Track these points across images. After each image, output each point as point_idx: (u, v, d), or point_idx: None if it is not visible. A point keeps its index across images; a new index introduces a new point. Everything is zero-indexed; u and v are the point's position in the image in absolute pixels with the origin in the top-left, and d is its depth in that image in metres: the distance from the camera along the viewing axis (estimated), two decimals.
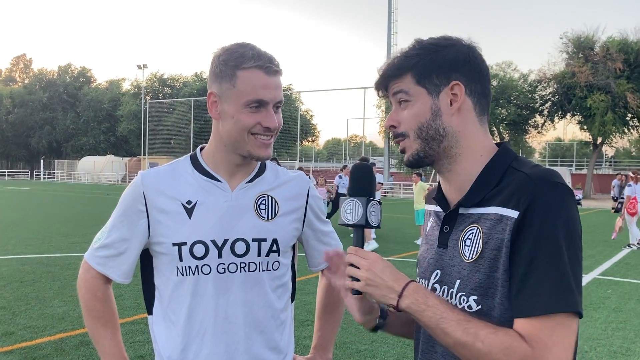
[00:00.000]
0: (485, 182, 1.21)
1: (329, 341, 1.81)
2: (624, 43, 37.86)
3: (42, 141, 66.79)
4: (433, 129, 1.22)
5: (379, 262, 1.20)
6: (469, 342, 1.08)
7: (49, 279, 7.88)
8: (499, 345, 1.06)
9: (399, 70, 1.25)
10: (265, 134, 1.50)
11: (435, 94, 1.22)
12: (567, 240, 1.09)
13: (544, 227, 1.09)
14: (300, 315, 6.00)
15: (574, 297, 1.07)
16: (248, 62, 1.47)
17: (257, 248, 1.56)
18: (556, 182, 1.12)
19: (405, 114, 1.24)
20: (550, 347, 1.05)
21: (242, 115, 1.48)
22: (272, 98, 1.49)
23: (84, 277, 1.62)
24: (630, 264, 10.47)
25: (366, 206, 1.25)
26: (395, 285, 1.17)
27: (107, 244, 1.59)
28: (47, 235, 12.58)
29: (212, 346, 1.54)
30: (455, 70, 1.22)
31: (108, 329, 1.61)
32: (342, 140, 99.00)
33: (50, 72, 72.17)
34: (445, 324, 1.11)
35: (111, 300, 1.64)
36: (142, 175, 1.59)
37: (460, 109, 1.22)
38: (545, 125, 43.27)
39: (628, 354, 5.21)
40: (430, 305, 1.13)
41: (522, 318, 1.08)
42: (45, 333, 5.40)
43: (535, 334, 1.06)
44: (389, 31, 46.31)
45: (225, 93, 1.49)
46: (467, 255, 1.19)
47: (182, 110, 56.19)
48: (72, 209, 20.83)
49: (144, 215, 1.55)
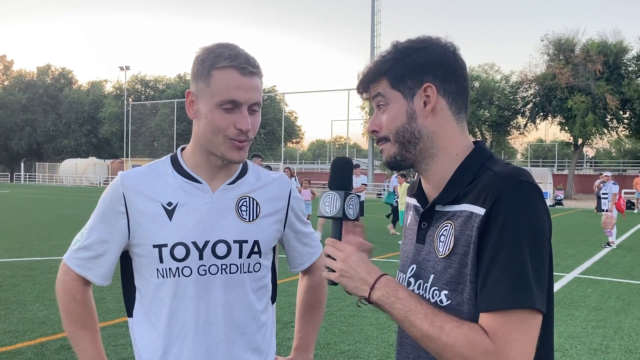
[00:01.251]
0: (458, 181, 1.24)
1: (310, 342, 1.81)
2: (604, 45, 38.43)
3: (21, 143, 65.87)
4: (409, 132, 1.25)
5: (354, 254, 1.24)
6: (435, 334, 1.12)
7: (29, 282, 7.77)
8: (462, 338, 1.10)
9: (375, 75, 1.28)
10: (239, 137, 1.48)
11: (409, 97, 1.25)
12: (529, 237, 1.11)
13: (506, 225, 1.11)
14: (284, 316, 5.99)
15: (531, 294, 1.09)
16: (223, 62, 1.45)
17: (239, 250, 1.55)
18: (522, 180, 1.15)
19: (385, 118, 1.28)
20: (511, 341, 1.08)
21: (215, 115, 1.46)
22: (247, 99, 1.46)
23: (63, 279, 1.60)
24: (610, 263, 10.63)
25: (344, 199, 1.28)
26: (368, 277, 1.21)
27: (86, 246, 1.57)
28: (28, 239, 12.41)
29: (193, 348, 1.53)
30: (427, 72, 1.24)
31: (87, 331, 1.59)
32: (326, 141, 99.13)
33: (29, 73, 71.22)
34: (413, 316, 1.15)
35: (90, 303, 1.62)
36: (122, 176, 1.57)
37: (434, 109, 1.25)
38: (527, 127, 43.76)
39: (607, 352, 5.29)
40: (400, 298, 1.17)
41: (485, 313, 1.12)
42: (26, 337, 5.33)
43: (496, 329, 1.09)
44: (372, 33, 46.48)
45: (201, 92, 1.48)
46: (440, 251, 1.22)
47: (164, 112, 55.82)
48: (54, 212, 20.58)
49: (124, 216, 1.53)
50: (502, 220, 1.11)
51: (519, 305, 1.09)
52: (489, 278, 1.12)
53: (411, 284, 1.29)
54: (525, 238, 1.11)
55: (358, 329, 5.77)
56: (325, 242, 1.28)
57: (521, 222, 1.11)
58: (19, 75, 71.14)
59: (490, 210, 1.13)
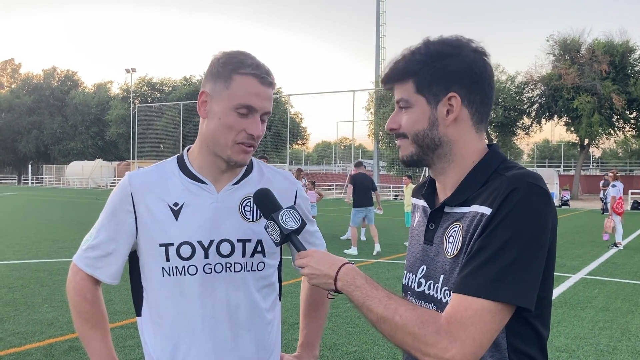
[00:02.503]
0: (470, 184, 1.26)
1: (315, 338, 1.83)
2: (610, 45, 38.28)
3: (29, 145, 66.20)
4: (429, 138, 1.27)
5: (314, 255, 1.34)
6: (389, 316, 1.16)
7: (37, 284, 7.83)
8: (415, 318, 1.13)
9: (403, 75, 1.29)
10: (247, 142, 1.52)
11: (433, 104, 1.26)
12: (525, 237, 1.12)
13: (504, 221, 1.13)
14: (290, 317, 6.01)
15: (509, 289, 1.10)
16: (246, 69, 1.51)
17: (242, 249, 1.58)
18: (530, 182, 1.16)
19: (405, 118, 1.30)
20: (467, 326, 1.10)
21: (230, 118, 1.50)
22: (262, 107, 1.52)
23: (73, 279, 1.63)
24: (617, 264, 10.59)
25: (278, 221, 1.43)
26: (330, 271, 1.29)
27: (94, 245, 1.60)
28: (36, 241, 12.49)
29: (201, 345, 1.56)
30: (455, 81, 1.25)
31: (98, 330, 1.62)
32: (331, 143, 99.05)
33: (36, 76, 71.60)
34: (370, 301, 1.20)
35: (100, 302, 1.65)
36: (130, 176, 1.61)
37: (456, 119, 1.26)
38: (532, 127, 43.60)
39: (615, 353, 5.27)
40: (358, 286, 1.23)
41: (456, 294, 1.14)
42: (34, 339, 5.37)
43: (457, 311, 1.11)
44: (377, 35, 46.49)
45: (218, 93, 1.52)
46: (449, 252, 1.24)
47: (170, 115, 55.95)
48: (61, 214, 20.68)
49: (132, 215, 1.57)
50: (501, 217, 1.14)
51: (491, 297, 1.10)
52: (471, 264, 1.14)
53: (422, 284, 1.31)
54: (521, 236, 1.12)
55: (364, 330, 5.78)
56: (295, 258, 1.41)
57: (521, 220, 1.13)
58: (26, 78, 71.54)
59: (496, 210, 1.15)
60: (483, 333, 1.10)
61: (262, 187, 1.60)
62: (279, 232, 1.43)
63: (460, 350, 1.09)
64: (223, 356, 1.57)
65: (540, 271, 1.15)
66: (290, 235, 1.44)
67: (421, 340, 1.12)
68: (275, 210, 1.46)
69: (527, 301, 1.12)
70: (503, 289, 1.10)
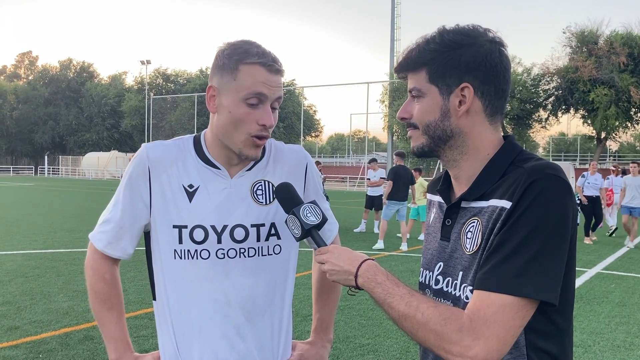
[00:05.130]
0: (487, 177, 1.22)
1: (329, 322, 1.81)
2: (628, 37, 37.67)
3: (45, 136, 66.95)
4: (440, 129, 1.24)
5: (334, 251, 1.32)
6: (410, 314, 1.14)
7: (53, 274, 7.91)
8: (437, 316, 1.11)
9: (416, 65, 1.26)
10: (261, 134, 1.49)
11: (446, 95, 1.23)
12: (547, 230, 1.09)
13: (525, 214, 1.10)
14: (303, 309, 6.02)
15: (532, 283, 1.08)
16: (252, 58, 1.47)
17: (256, 233, 1.57)
18: (550, 174, 1.13)
19: (417, 108, 1.27)
20: (490, 323, 1.07)
21: (240, 110, 1.47)
22: (272, 94, 1.49)
23: (92, 257, 1.62)
24: (634, 259, 10.46)
25: (299, 216, 1.42)
26: (350, 268, 1.27)
27: (109, 219, 1.60)
28: (52, 231, 12.63)
29: (213, 330, 1.55)
30: (469, 72, 1.21)
31: (114, 312, 1.61)
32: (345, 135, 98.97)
33: (53, 67, 72.25)
34: (391, 299, 1.18)
35: (118, 283, 1.64)
36: (147, 149, 1.57)
37: (468, 111, 1.23)
38: (548, 120, 43.13)
39: (631, 348, 5.21)
40: (379, 282, 1.21)
41: (478, 290, 1.11)
42: (50, 327, 5.43)
43: (480, 309, 1.08)
44: (392, 26, 46.17)
45: (226, 86, 1.49)
46: (468, 248, 1.21)
47: (185, 106, 56.21)
48: (76, 204, 20.89)
49: (147, 190, 1.55)
50: (522, 210, 1.10)
51: (514, 292, 1.07)
52: (491, 259, 1.11)
53: (440, 282, 1.28)
54: (543, 229, 1.09)
55: (377, 322, 5.77)
56: (314, 254, 1.39)
57: (542, 213, 1.09)
58: (43, 70, 72.22)
59: (516, 203, 1.12)
60: (506, 330, 1.07)
61: (273, 175, 1.58)
62: (300, 227, 1.42)
63: (483, 348, 1.06)
64: (236, 342, 1.55)
65: (563, 264, 1.12)
66: (311, 230, 1.42)
67: (444, 339, 1.09)
68: (296, 205, 1.45)
69: (552, 295, 1.09)
70: (526, 283, 1.07)
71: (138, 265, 1.69)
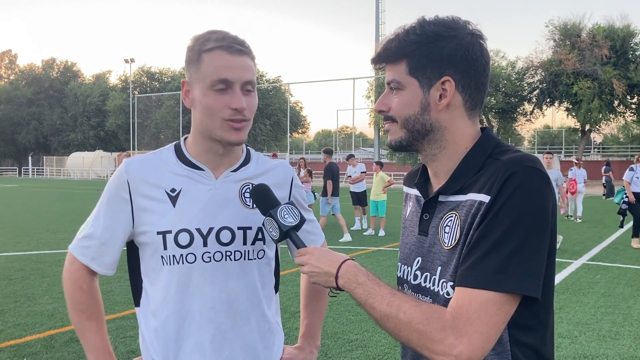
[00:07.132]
0: (465, 171, 1.21)
1: (317, 328, 1.80)
2: (610, 30, 38.10)
3: (28, 137, 66.19)
4: (420, 123, 1.22)
5: (314, 253, 1.30)
6: (392, 313, 1.12)
7: (38, 276, 7.82)
8: (420, 315, 1.10)
9: (395, 56, 1.23)
10: (235, 117, 1.46)
11: (426, 88, 1.21)
12: (527, 223, 1.08)
13: (504, 208, 1.08)
14: (291, 307, 6.00)
15: (513, 278, 1.06)
16: (211, 44, 1.45)
17: (243, 236, 1.55)
18: (528, 165, 1.11)
19: (396, 101, 1.24)
20: (473, 320, 1.05)
21: (208, 98, 1.45)
22: (237, 77, 1.45)
23: (69, 269, 1.60)
24: (619, 249, 10.57)
25: (276, 217, 1.40)
26: (331, 269, 1.25)
27: (90, 234, 1.57)
28: (36, 232, 12.48)
29: (199, 335, 1.52)
30: (450, 65, 1.19)
31: (93, 322, 1.59)
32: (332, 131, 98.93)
33: (36, 67, 71.43)
34: (372, 299, 1.16)
35: (96, 293, 1.61)
36: (127, 163, 1.57)
37: (449, 105, 1.21)
38: (533, 113, 43.48)
39: (617, 338, 5.26)
40: (360, 283, 1.19)
41: (459, 287, 1.10)
42: (35, 330, 5.36)
43: (462, 306, 1.07)
44: (377, 21, 46.23)
45: (193, 78, 1.48)
46: (446, 242, 1.20)
47: (170, 104, 55.86)
48: (61, 205, 20.68)
49: (128, 203, 1.53)
50: (501, 203, 1.09)
51: (496, 288, 1.06)
52: (473, 255, 1.09)
53: (418, 277, 1.27)
54: (522, 222, 1.07)
55: (366, 317, 5.75)
56: (294, 255, 1.37)
57: (521, 206, 1.08)
58: (26, 69, 71.36)
59: (495, 196, 1.10)
60: (490, 326, 1.06)
61: (260, 181, 1.56)
62: (278, 229, 1.40)
63: (467, 346, 1.05)
64: (223, 347, 1.53)
65: (544, 257, 1.11)
66: (289, 232, 1.40)
67: (427, 338, 1.08)
68: (273, 207, 1.42)
69: (534, 289, 1.08)
70: (508, 278, 1.06)
71: (124, 265, 1.67)
